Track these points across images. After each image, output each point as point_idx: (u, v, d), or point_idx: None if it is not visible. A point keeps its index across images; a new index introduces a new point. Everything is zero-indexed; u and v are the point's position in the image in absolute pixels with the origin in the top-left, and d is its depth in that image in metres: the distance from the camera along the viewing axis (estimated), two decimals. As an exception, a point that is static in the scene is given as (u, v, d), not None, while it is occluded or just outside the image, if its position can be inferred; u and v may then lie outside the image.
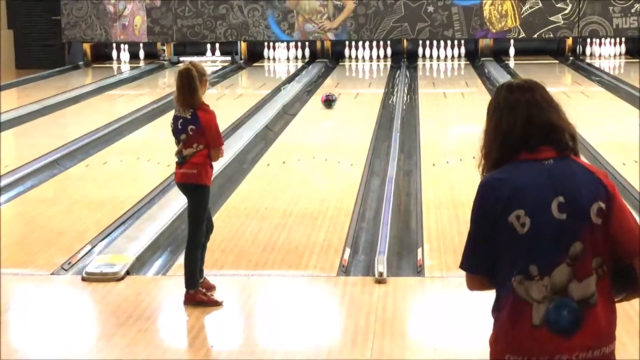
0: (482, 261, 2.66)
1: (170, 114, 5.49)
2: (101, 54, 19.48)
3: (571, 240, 2.56)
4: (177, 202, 7.12)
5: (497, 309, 2.65)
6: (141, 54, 19.35)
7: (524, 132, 2.63)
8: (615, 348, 2.64)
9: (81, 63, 19.08)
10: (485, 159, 2.70)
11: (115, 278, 5.85)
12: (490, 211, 2.60)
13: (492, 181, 2.63)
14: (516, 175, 2.60)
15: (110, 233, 6.96)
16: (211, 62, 18.87)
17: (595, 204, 2.58)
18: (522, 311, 2.58)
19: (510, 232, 2.58)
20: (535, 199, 2.57)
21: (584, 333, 2.56)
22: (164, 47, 19.12)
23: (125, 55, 19.33)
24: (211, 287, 5.57)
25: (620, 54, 18.66)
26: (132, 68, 18.59)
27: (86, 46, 19.26)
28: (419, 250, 6.35)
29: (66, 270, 6.14)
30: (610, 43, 18.65)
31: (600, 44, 18.70)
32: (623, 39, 18.54)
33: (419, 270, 6.00)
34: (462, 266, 2.70)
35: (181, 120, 5.35)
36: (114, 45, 19.30)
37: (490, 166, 2.69)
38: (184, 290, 5.38)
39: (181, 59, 18.58)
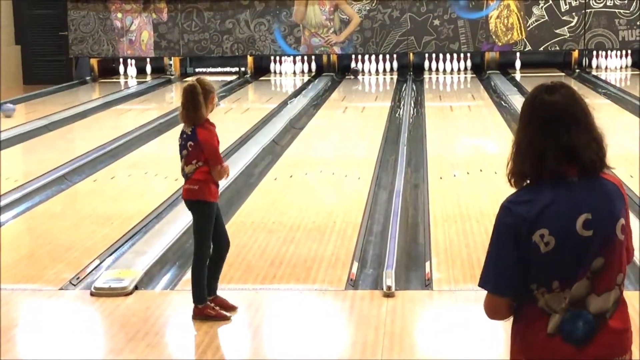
0: (508, 282, 2.61)
1: (178, 128, 5.50)
2: (108, 69, 19.54)
3: (594, 256, 2.56)
4: (184, 216, 7.12)
5: (515, 313, 2.67)
6: (148, 68, 19.43)
7: (553, 152, 2.58)
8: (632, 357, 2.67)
9: (88, 78, 19.14)
10: (515, 171, 2.66)
11: (124, 293, 5.86)
12: (515, 233, 2.57)
13: (515, 205, 2.60)
14: (540, 195, 2.58)
15: (119, 248, 6.97)
16: (227, 74, 18.99)
17: (620, 220, 2.59)
18: (538, 319, 2.60)
19: (533, 250, 2.57)
20: (560, 218, 2.55)
21: (596, 343, 2.59)
22: (171, 62, 19.20)
23: (132, 70, 19.41)
24: (228, 307, 5.49)
25: (626, 66, 18.66)
26: (139, 83, 18.65)
27: (93, 61, 19.32)
28: (427, 263, 6.34)
29: (75, 285, 6.15)
30: (616, 55, 18.66)
31: (606, 57, 18.71)
32: (629, 51, 18.55)
33: (427, 284, 5.99)
34: (486, 287, 2.65)
35: (184, 136, 5.34)
36: (121, 60, 19.38)
37: (519, 178, 2.65)
38: (193, 304, 5.39)
39: (196, 70, 19.01)
